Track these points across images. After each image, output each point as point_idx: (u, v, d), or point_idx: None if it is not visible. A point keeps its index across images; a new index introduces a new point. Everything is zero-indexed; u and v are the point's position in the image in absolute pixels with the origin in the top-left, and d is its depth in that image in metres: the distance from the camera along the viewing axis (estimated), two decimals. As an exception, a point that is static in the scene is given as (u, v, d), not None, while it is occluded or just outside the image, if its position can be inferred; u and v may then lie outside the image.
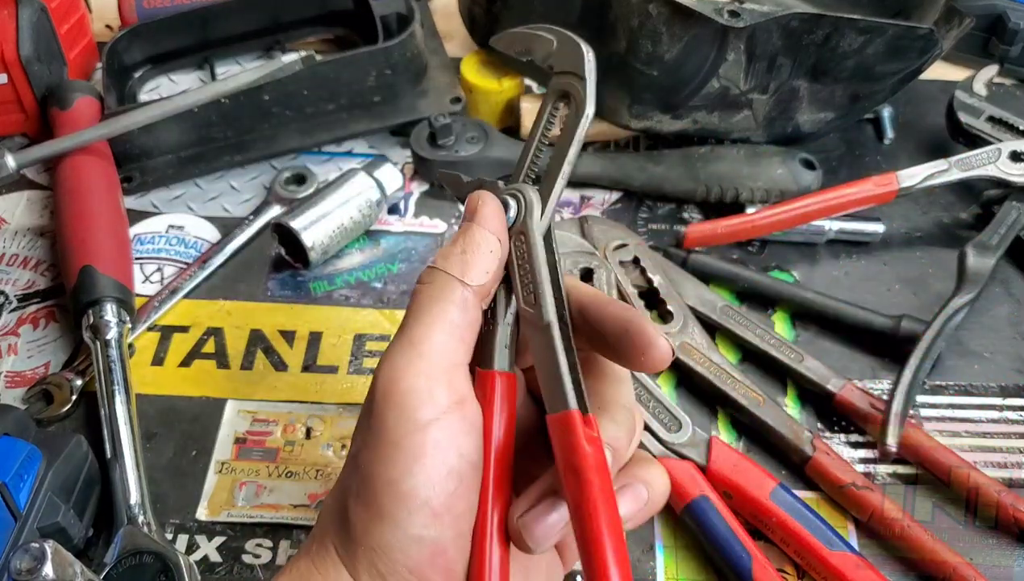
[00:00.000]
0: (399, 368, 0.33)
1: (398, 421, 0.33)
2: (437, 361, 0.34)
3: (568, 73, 0.39)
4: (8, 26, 0.71)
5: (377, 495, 0.32)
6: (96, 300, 0.58)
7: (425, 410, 0.33)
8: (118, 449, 0.53)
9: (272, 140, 0.73)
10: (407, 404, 0.33)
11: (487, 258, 0.36)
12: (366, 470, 0.33)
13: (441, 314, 0.35)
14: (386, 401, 0.33)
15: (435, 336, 0.34)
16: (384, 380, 0.33)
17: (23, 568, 0.38)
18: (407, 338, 0.34)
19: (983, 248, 0.62)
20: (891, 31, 0.63)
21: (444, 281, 0.35)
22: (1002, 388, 0.58)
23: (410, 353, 0.34)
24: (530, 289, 0.36)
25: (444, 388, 0.34)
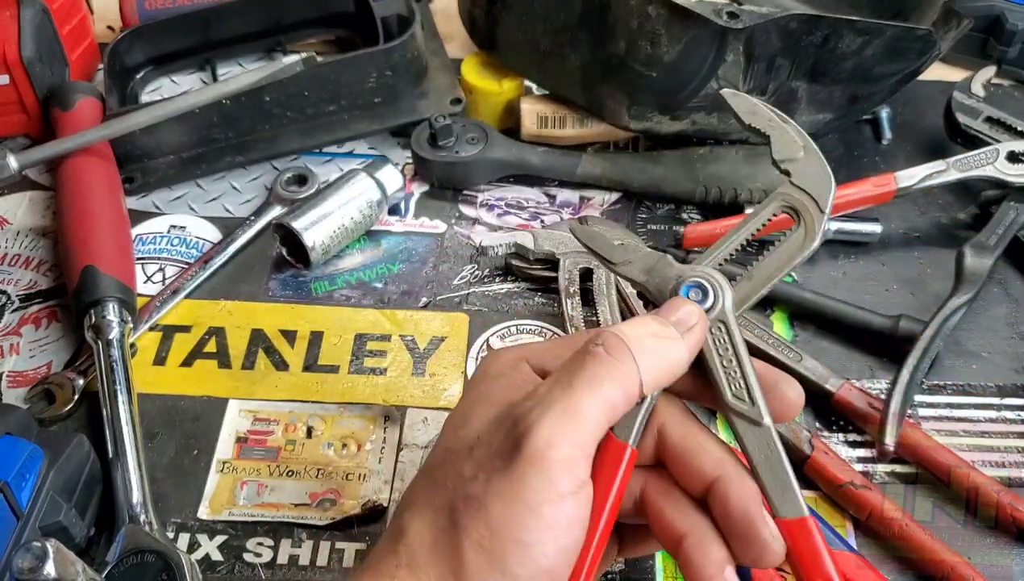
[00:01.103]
0: (559, 435, 0.33)
1: (542, 488, 0.32)
2: (588, 438, 0.34)
3: (805, 192, 0.38)
4: (10, 27, 0.71)
5: (505, 552, 0.32)
6: (98, 300, 0.58)
7: (569, 484, 0.33)
8: (120, 448, 0.53)
9: (273, 141, 0.73)
10: (555, 473, 0.33)
11: (671, 373, 0.36)
12: (497, 525, 0.32)
13: (611, 398, 0.34)
14: (536, 464, 0.33)
15: (596, 413, 0.34)
16: (543, 440, 0.33)
17: (25, 567, 0.38)
18: (572, 404, 0.34)
19: (981, 248, 0.62)
20: (890, 32, 0.63)
21: (630, 370, 0.34)
22: (1000, 388, 0.59)
23: (572, 424, 0.33)
24: (739, 384, 0.36)
25: (585, 466, 0.34)
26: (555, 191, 0.72)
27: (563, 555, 0.33)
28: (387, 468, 0.55)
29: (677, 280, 0.38)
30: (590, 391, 0.34)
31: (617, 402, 0.34)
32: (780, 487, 0.35)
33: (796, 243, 0.38)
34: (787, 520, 0.34)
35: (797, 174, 0.38)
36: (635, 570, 0.50)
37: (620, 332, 0.35)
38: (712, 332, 0.37)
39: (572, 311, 0.60)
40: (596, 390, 0.34)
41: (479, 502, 0.33)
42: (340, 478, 0.54)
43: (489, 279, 0.66)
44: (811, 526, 0.34)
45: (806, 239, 0.37)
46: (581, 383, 0.34)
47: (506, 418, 0.35)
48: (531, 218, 0.70)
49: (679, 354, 0.36)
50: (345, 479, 0.54)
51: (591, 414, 0.34)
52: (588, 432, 0.34)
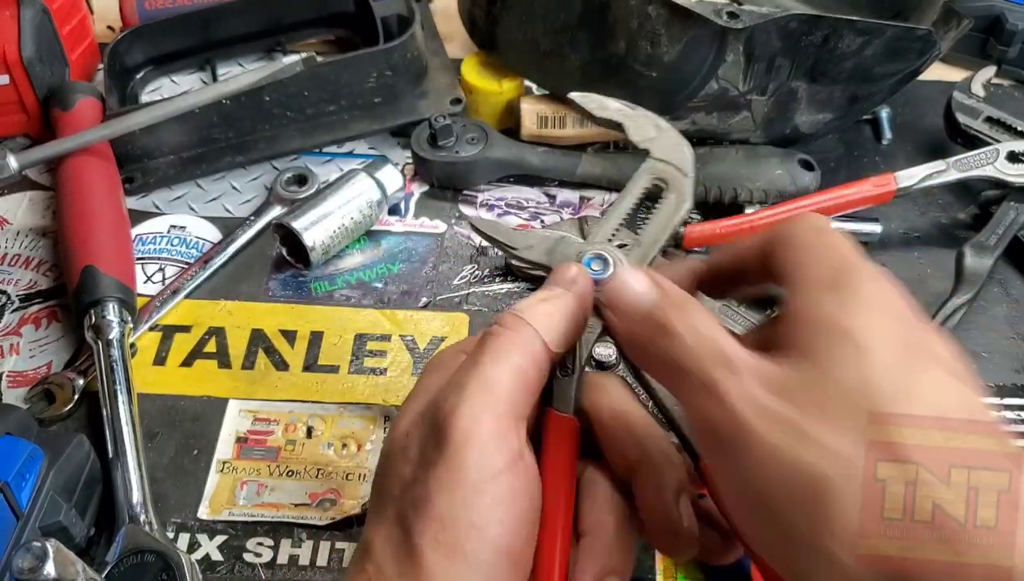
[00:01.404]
0: (479, 409, 0.33)
1: (480, 466, 0.32)
2: (509, 408, 0.34)
3: (666, 162, 0.41)
4: (10, 27, 0.71)
5: (461, 540, 0.32)
6: (98, 300, 0.58)
7: (503, 455, 0.33)
8: (120, 448, 0.53)
9: (273, 141, 0.73)
10: (488, 448, 0.33)
11: (574, 329, 0.37)
12: (447, 517, 0.32)
13: (519, 365, 0.35)
14: (467, 444, 0.32)
15: (509, 382, 0.34)
16: (465, 419, 0.33)
17: (25, 567, 0.38)
18: (483, 379, 0.34)
19: (981, 248, 0.62)
20: (890, 32, 0.63)
21: (529, 335, 0.35)
22: (999, 388, 0.59)
23: (488, 396, 0.34)
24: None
25: (516, 436, 0.34)
26: (555, 191, 0.72)
27: (518, 529, 0.33)
28: (387, 468, 0.55)
29: (577, 256, 0.40)
30: (496, 363, 0.34)
31: (527, 367, 0.35)
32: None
33: (671, 207, 0.41)
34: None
35: (656, 149, 0.42)
36: (635, 570, 0.50)
37: (513, 308, 0.37)
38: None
39: (572, 311, 0.60)
40: (502, 361, 0.34)
41: (423, 499, 0.33)
42: (340, 478, 0.54)
43: (489, 279, 0.66)
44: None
45: (678, 202, 0.41)
46: (486, 358, 0.35)
47: (428, 408, 0.35)
48: (531, 218, 0.70)
49: (569, 305, 0.37)
50: (345, 479, 0.54)
51: (504, 384, 0.34)
52: (507, 402, 0.34)
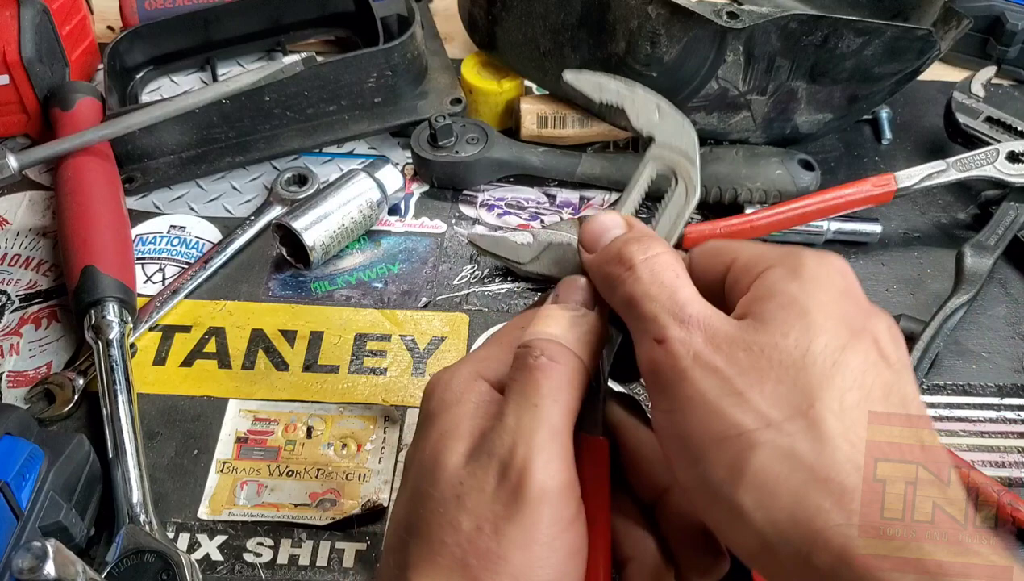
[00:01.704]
0: (550, 462, 0.33)
1: (554, 519, 0.32)
2: (568, 449, 0.34)
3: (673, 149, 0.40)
4: (10, 27, 0.71)
5: None
6: (98, 300, 0.58)
7: (573, 506, 0.33)
8: (120, 448, 0.53)
9: (273, 141, 0.73)
10: (561, 501, 0.33)
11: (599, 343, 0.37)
12: (520, 571, 0.32)
13: (571, 401, 0.35)
14: (544, 501, 0.32)
15: (567, 424, 0.34)
16: (541, 475, 0.32)
17: (25, 567, 0.38)
18: (548, 426, 0.34)
19: (981, 248, 0.62)
20: (889, 32, 0.63)
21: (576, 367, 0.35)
22: (1000, 388, 0.59)
23: (555, 445, 0.33)
24: None
25: (575, 482, 0.34)
26: (555, 191, 0.72)
27: (579, 572, 0.33)
28: (387, 468, 0.55)
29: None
30: (555, 403, 0.34)
31: (576, 403, 0.35)
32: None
33: (680, 198, 0.40)
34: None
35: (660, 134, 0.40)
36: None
37: (549, 335, 0.36)
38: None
39: (572, 311, 0.60)
40: (561, 401, 0.34)
41: (495, 555, 0.32)
42: (340, 478, 0.54)
43: (489, 279, 0.66)
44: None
45: (688, 192, 0.39)
46: (546, 401, 0.34)
47: (488, 458, 0.34)
48: (531, 218, 0.70)
49: (596, 324, 0.37)
50: (345, 479, 0.54)
51: (563, 428, 0.34)
52: (567, 444, 0.34)
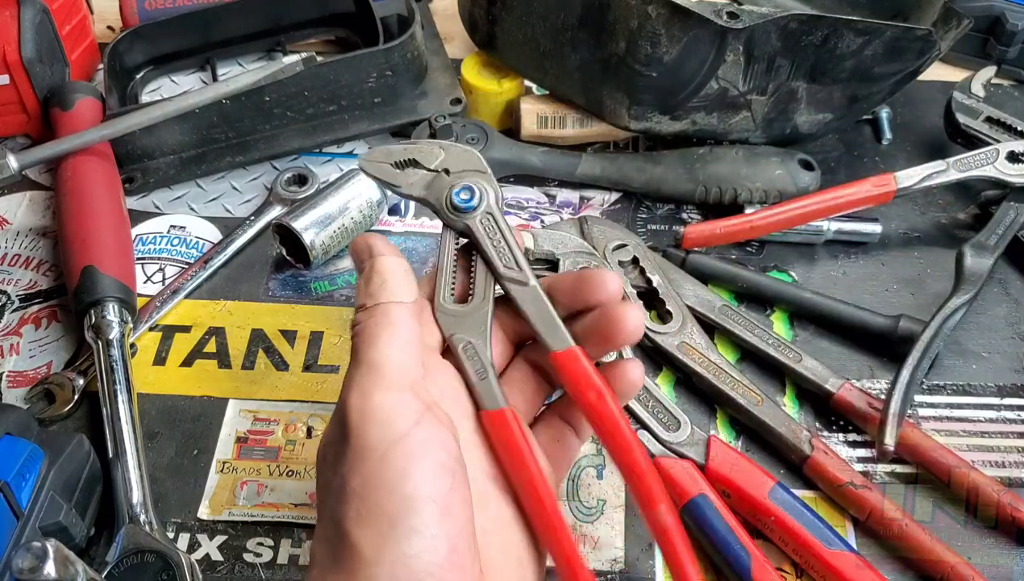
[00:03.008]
0: (367, 389, 0.35)
1: (380, 435, 0.34)
2: (399, 377, 0.36)
3: (467, 171, 0.45)
4: (10, 27, 0.71)
5: (383, 507, 0.33)
6: (98, 300, 0.58)
7: (402, 420, 0.34)
8: (120, 448, 0.53)
9: (273, 141, 0.73)
10: (383, 418, 0.34)
11: (406, 278, 0.40)
12: (361, 491, 0.33)
13: (391, 337, 0.37)
14: (363, 421, 0.34)
15: (392, 356, 0.36)
16: (355, 402, 0.35)
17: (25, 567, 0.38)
18: (365, 364, 0.36)
19: (981, 248, 0.62)
20: (889, 32, 0.63)
21: (383, 310, 0.38)
22: (1000, 388, 0.59)
23: (372, 376, 0.36)
24: (508, 258, 0.43)
25: (412, 398, 0.35)
26: (555, 191, 0.72)
27: (436, 478, 0.34)
28: (387, 468, 0.55)
29: (449, 188, 0.44)
30: (374, 344, 0.37)
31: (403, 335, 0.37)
32: (550, 328, 0.41)
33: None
34: (559, 352, 0.40)
35: (451, 165, 0.45)
36: (635, 570, 0.51)
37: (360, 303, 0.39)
38: (482, 223, 0.43)
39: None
40: (377, 341, 0.37)
41: (341, 489, 0.34)
42: (340, 478, 0.54)
43: (489, 279, 0.65)
44: (578, 354, 0.40)
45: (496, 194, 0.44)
46: (364, 346, 0.37)
47: (333, 417, 0.37)
48: (531, 218, 0.70)
49: (398, 265, 0.41)
50: (345, 479, 0.54)
51: (390, 359, 0.36)
52: (392, 371, 0.36)
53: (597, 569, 0.50)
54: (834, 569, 0.48)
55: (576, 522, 0.52)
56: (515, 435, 0.39)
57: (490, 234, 0.43)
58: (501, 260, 0.43)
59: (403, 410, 0.35)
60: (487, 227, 0.43)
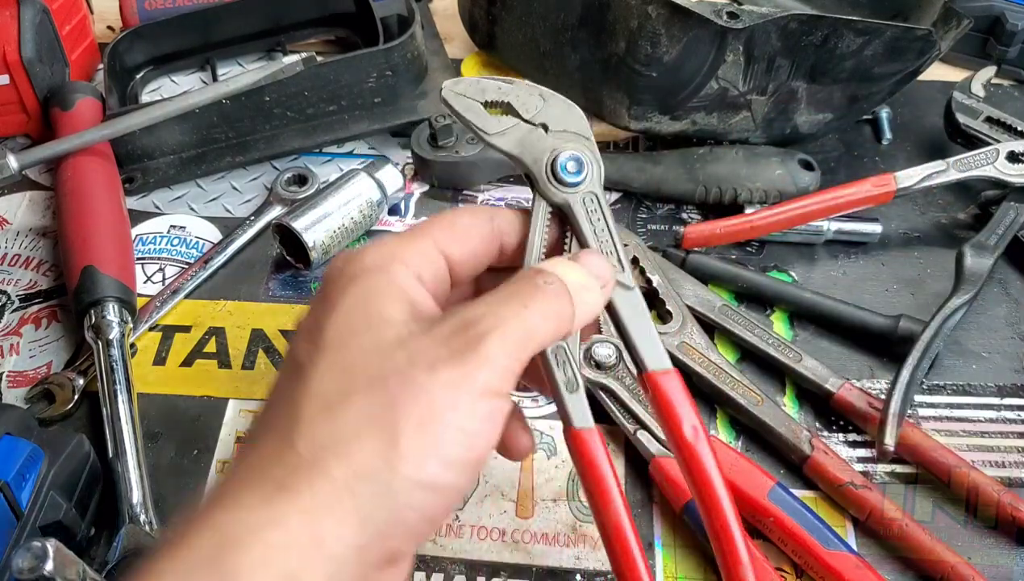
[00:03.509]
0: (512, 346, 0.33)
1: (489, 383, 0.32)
2: (527, 360, 0.34)
3: (569, 132, 0.39)
4: (10, 27, 0.71)
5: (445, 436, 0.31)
6: (98, 300, 0.58)
7: (508, 386, 0.33)
8: (120, 448, 0.53)
9: (273, 141, 0.73)
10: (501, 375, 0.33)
11: (591, 321, 0.37)
12: (440, 408, 0.31)
13: (554, 330, 0.35)
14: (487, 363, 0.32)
15: (541, 342, 0.35)
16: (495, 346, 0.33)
17: (25, 567, 0.38)
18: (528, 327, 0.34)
19: (981, 248, 0.62)
20: (889, 32, 0.63)
21: (570, 312, 0.35)
22: (1000, 388, 0.59)
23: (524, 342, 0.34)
24: (611, 249, 0.38)
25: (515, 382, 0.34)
26: (555, 191, 0.72)
27: (488, 452, 0.33)
28: (387, 468, 0.55)
29: (552, 153, 0.38)
30: (544, 321, 0.34)
31: (556, 338, 0.36)
32: (648, 343, 0.38)
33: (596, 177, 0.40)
34: (656, 373, 0.38)
35: (552, 121, 0.39)
36: (635, 570, 0.50)
37: (563, 276, 0.36)
38: (585, 203, 0.38)
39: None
40: (548, 321, 0.35)
41: (420, 386, 0.31)
42: (340, 478, 0.54)
43: (489, 279, 0.66)
44: (676, 377, 0.38)
45: (599, 169, 0.39)
46: (535, 312, 0.34)
47: (451, 318, 0.34)
48: (531, 218, 0.70)
49: (597, 305, 0.37)
50: (345, 479, 0.54)
51: (538, 341, 0.34)
52: (530, 355, 0.34)
53: (597, 569, 0.50)
54: (833, 570, 0.47)
55: (576, 522, 0.52)
56: (602, 458, 0.37)
57: (592, 219, 0.38)
58: (603, 250, 0.38)
59: (511, 384, 0.33)
60: (589, 209, 0.38)
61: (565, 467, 0.55)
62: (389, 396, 0.31)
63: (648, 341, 0.38)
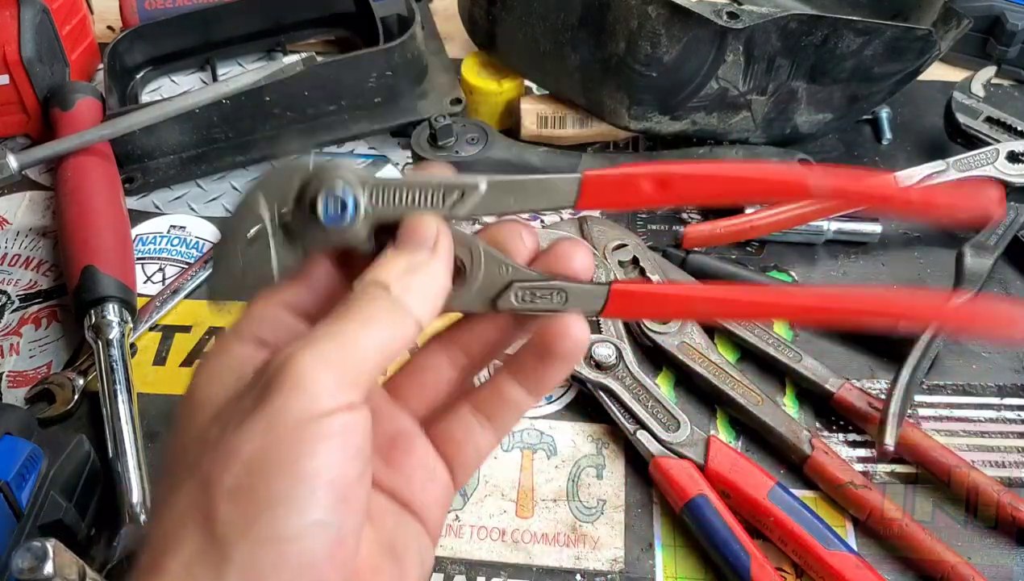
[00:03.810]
0: (322, 361, 0.28)
1: (305, 408, 0.28)
2: (361, 369, 0.29)
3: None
4: (10, 27, 0.71)
5: (269, 479, 0.27)
6: (98, 300, 0.58)
7: (335, 401, 0.28)
8: (120, 448, 0.53)
9: (273, 141, 0.73)
10: (321, 393, 0.28)
11: (442, 295, 0.33)
12: (251, 460, 0.27)
13: (385, 339, 0.30)
14: (299, 385, 0.28)
15: (371, 350, 0.30)
16: (307, 364, 0.28)
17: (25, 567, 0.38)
18: (341, 336, 0.29)
19: (981, 248, 0.62)
20: (889, 32, 0.63)
21: (401, 313, 0.31)
22: (1000, 388, 0.59)
23: (340, 350, 0.29)
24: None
25: (358, 392, 0.29)
26: (555, 191, 0.72)
27: (347, 467, 0.28)
28: (387, 468, 0.55)
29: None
30: (363, 327, 0.30)
31: (395, 346, 0.30)
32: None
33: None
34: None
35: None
36: (635, 570, 0.51)
37: (378, 280, 0.31)
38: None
39: (572, 311, 0.60)
40: (370, 328, 0.30)
41: (231, 449, 0.28)
42: (340, 478, 0.54)
43: (489, 279, 0.65)
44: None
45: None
46: (352, 320, 0.30)
47: (257, 371, 0.30)
48: (531, 218, 0.70)
49: (439, 274, 0.33)
50: (345, 479, 0.54)
51: (365, 348, 0.29)
52: (361, 363, 0.29)
53: (597, 569, 0.51)
54: (833, 570, 0.47)
55: (576, 522, 0.52)
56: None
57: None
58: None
59: (342, 396, 0.28)
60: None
61: (565, 467, 0.55)
62: (200, 476, 0.28)
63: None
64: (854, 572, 0.47)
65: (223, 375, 0.32)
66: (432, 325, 0.33)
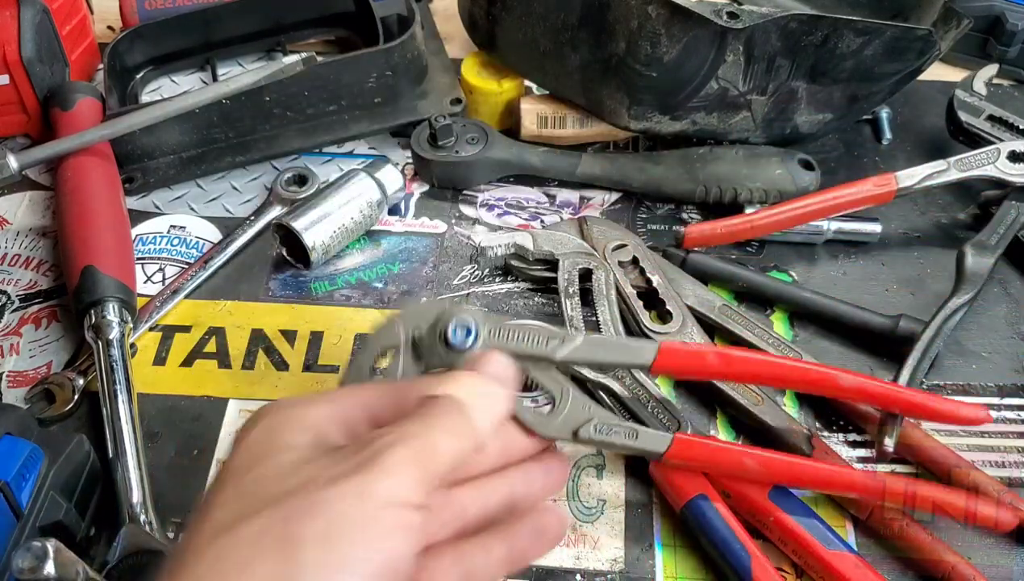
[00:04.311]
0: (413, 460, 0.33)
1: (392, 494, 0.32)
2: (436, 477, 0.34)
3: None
4: (10, 27, 0.71)
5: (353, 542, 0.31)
6: (98, 300, 0.58)
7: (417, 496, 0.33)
8: (120, 448, 0.53)
9: (273, 141, 0.73)
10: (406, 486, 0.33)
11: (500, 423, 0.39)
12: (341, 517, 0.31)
13: (461, 448, 0.35)
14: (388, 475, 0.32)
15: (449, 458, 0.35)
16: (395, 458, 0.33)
17: (25, 567, 0.38)
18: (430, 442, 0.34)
19: (981, 248, 0.62)
20: (889, 32, 0.63)
21: (473, 428, 0.36)
22: (1000, 388, 0.59)
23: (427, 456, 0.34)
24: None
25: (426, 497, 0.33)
26: (555, 191, 0.72)
27: (399, 566, 0.32)
28: (387, 468, 0.55)
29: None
30: (443, 435, 0.35)
31: (464, 456, 0.36)
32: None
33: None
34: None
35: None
36: (635, 570, 0.51)
37: (454, 392, 0.37)
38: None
39: (572, 311, 0.60)
40: (449, 436, 0.35)
41: (319, 500, 0.31)
42: (340, 478, 0.54)
43: (489, 279, 0.66)
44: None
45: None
46: (438, 428, 0.35)
47: (356, 441, 0.34)
48: (531, 218, 0.70)
49: (499, 407, 0.39)
50: (345, 479, 0.54)
51: (445, 457, 0.34)
52: (437, 471, 0.34)
53: (597, 569, 0.51)
54: (834, 569, 0.47)
55: (576, 522, 0.52)
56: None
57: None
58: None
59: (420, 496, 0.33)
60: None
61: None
62: (284, 513, 0.31)
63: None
64: (854, 572, 0.47)
65: (297, 427, 0.36)
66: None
